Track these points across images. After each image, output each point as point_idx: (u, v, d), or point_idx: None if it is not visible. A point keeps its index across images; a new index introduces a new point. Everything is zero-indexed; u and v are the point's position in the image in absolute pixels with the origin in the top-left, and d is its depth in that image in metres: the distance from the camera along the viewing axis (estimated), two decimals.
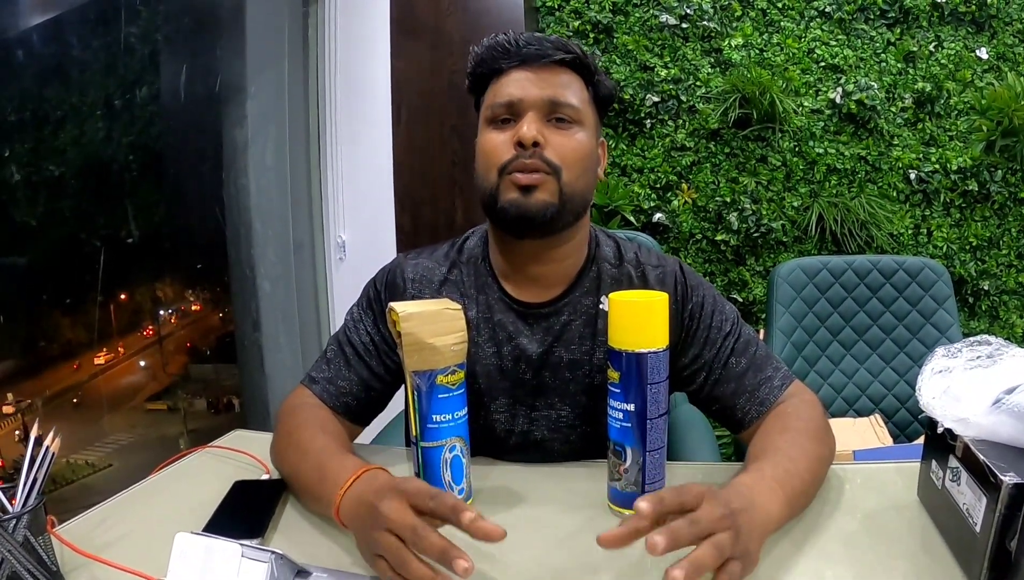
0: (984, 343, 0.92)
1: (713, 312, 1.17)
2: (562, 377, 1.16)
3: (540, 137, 1.05)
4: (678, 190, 2.98)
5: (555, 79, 1.08)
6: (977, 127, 2.90)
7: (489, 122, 1.10)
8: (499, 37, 1.10)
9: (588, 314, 1.16)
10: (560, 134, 1.07)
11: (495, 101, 1.09)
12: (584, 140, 1.10)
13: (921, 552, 0.84)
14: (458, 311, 0.94)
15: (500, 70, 1.10)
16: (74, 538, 0.85)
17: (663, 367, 0.91)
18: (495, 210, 1.09)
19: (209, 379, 2.94)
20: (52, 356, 2.26)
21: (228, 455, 1.18)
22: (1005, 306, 3.04)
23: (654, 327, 0.90)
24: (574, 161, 1.08)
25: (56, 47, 2.16)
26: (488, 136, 1.10)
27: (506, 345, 1.16)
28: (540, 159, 1.05)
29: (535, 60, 1.08)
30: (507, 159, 1.06)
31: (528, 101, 1.06)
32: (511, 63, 1.09)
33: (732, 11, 2.96)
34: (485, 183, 1.09)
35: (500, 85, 1.10)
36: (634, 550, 0.86)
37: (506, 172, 1.06)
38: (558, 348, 1.15)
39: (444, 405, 0.94)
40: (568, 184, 1.07)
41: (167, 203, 2.60)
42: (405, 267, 1.22)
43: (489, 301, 1.18)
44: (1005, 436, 0.77)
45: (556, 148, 1.06)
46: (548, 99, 1.07)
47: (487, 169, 1.09)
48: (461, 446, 0.96)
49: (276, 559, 0.71)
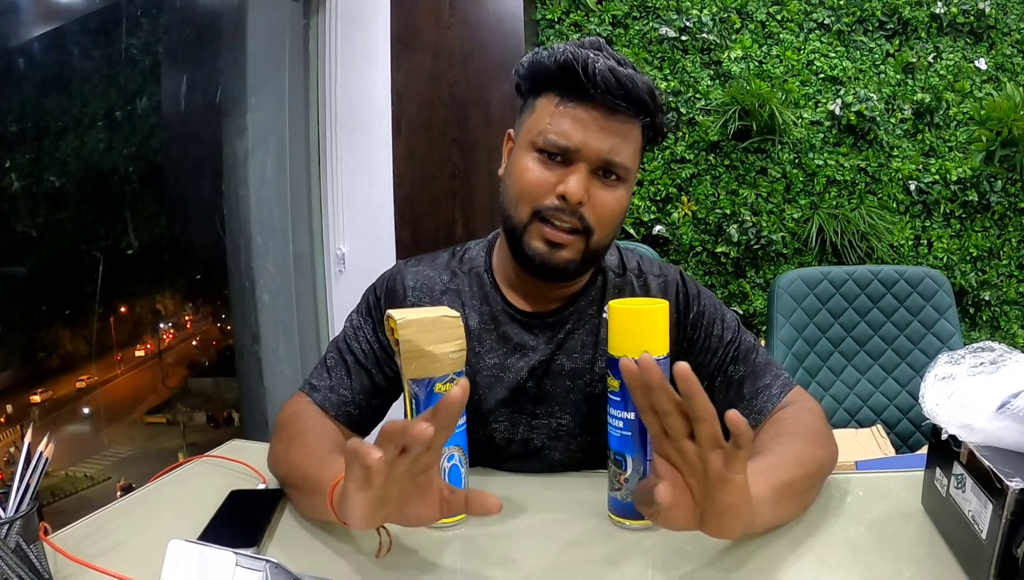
0: (987, 349, 0.91)
1: (715, 321, 1.17)
2: (563, 385, 1.15)
3: (585, 197, 1.01)
4: (678, 202, 2.97)
5: (620, 131, 1.02)
6: (976, 137, 2.90)
7: (535, 149, 1.04)
8: (579, 56, 0.99)
9: (592, 323, 1.17)
10: (604, 192, 1.04)
11: (549, 135, 1.02)
12: (623, 198, 1.07)
13: (926, 560, 0.83)
14: (457, 319, 0.93)
15: (563, 93, 1.02)
16: (68, 546, 0.84)
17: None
18: (519, 248, 1.07)
19: (209, 392, 2.93)
20: (52, 368, 2.25)
21: (225, 465, 1.17)
22: (1006, 316, 3.03)
23: (655, 335, 0.89)
24: (609, 221, 1.06)
25: (57, 58, 2.16)
26: (530, 165, 1.04)
27: (510, 355, 1.15)
28: (578, 218, 1.03)
29: (606, 104, 1.00)
30: (545, 205, 1.03)
31: (585, 153, 1.01)
32: (580, 94, 1.01)
33: (731, 23, 2.96)
34: (515, 213, 1.06)
35: (559, 116, 1.02)
36: (635, 561, 0.86)
37: (540, 217, 1.04)
38: (560, 356, 1.15)
39: None
40: (596, 243, 1.06)
41: (167, 215, 2.60)
42: (405, 275, 1.20)
43: (493, 311, 1.17)
44: (1010, 441, 0.76)
45: (596, 208, 1.03)
46: (606, 158, 1.02)
47: (520, 200, 1.05)
48: (460, 455, 0.95)
49: (271, 568, 0.70)
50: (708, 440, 0.68)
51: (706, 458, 0.69)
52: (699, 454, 0.69)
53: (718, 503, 0.71)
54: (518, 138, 1.10)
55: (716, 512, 0.72)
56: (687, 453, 0.70)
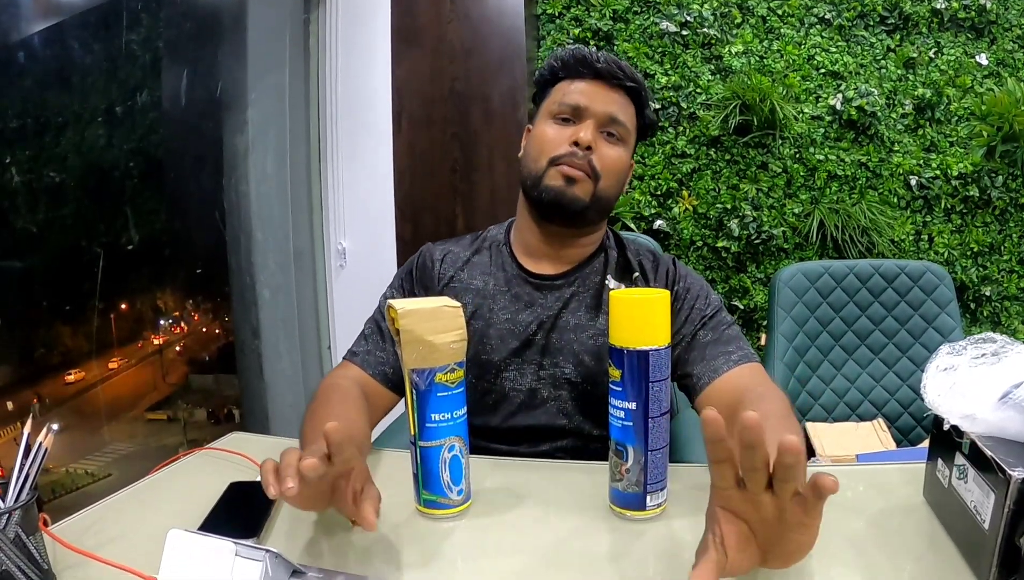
0: (989, 340, 0.91)
1: (698, 297, 1.29)
2: (567, 338, 1.28)
3: (593, 143, 1.23)
4: (679, 197, 2.97)
5: (617, 98, 1.26)
6: (977, 133, 2.90)
7: (552, 116, 1.27)
8: (584, 49, 1.27)
9: (595, 288, 1.32)
10: (608, 146, 1.25)
11: (563, 100, 1.26)
12: (624, 156, 1.28)
13: (929, 552, 0.82)
14: (457, 309, 0.93)
15: (574, 76, 1.27)
16: (67, 537, 0.83)
17: (665, 365, 0.90)
18: (536, 192, 1.25)
19: (209, 389, 2.93)
20: (52, 364, 2.25)
21: (225, 457, 1.17)
22: (1007, 312, 3.02)
23: (656, 325, 0.89)
24: (613, 172, 1.26)
25: (58, 53, 2.16)
26: (548, 127, 1.27)
27: (522, 312, 1.30)
28: (588, 162, 1.23)
29: (607, 78, 1.25)
30: (560, 152, 1.23)
31: (591, 111, 1.24)
32: (586, 74, 1.26)
33: (732, 18, 2.96)
34: (534, 166, 1.26)
35: (571, 89, 1.26)
36: (636, 553, 0.85)
37: (556, 163, 1.23)
38: (565, 314, 1.30)
39: (443, 404, 0.92)
40: (602, 189, 1.25)
41: (167, 210, 2.60)
42: (434, 251, 1.39)
43: (507, 276, 1.34)
44: (1013, 431, 0.76)
45: (602, 157, 1.24)
46: (608, 114, 1.24)
47: (539, 155, 1.26)
48: (460, 446, 0.94)
49: (271, 558, 0.69)
50: (790, 493, 0.64)
51: (784, 507, 0.65)
52: (776, 504, 0.66)
53: (790, 544, 0.68)
54: (536, 121, 1.32)
55: (786, 552, 0.69)
56: (764, 505, 0.66)
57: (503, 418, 1.29)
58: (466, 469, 0.96)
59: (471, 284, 1.34)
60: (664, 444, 0.91)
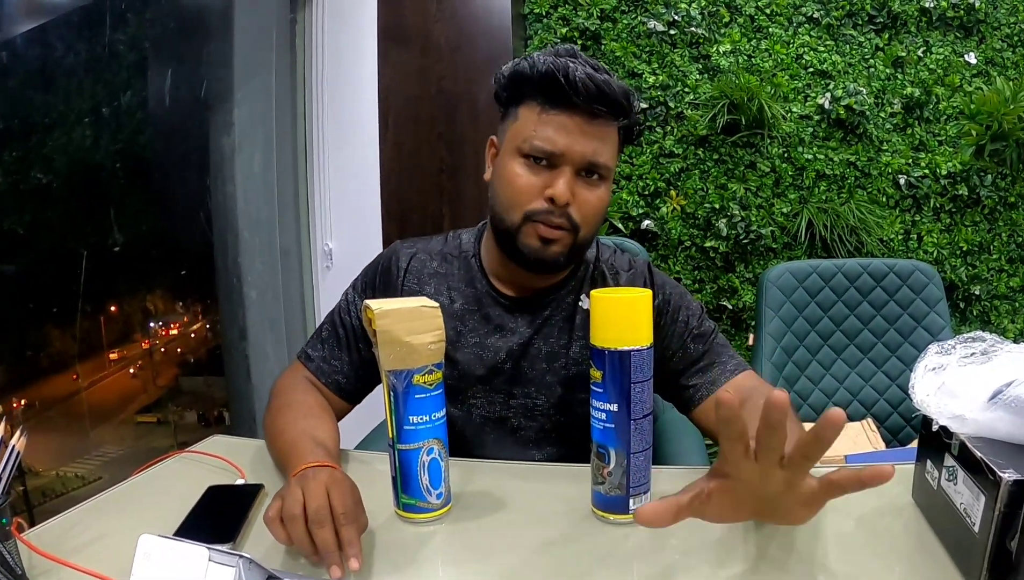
0: (978, 340, 0.90)
1: (680, 307, 1.25)
2: (539, 367, 1.23)
3: (571, 198, 1.09)
4: (667, 197, 2.96)
5: (600, 134, 1.10)
6: (966, 132, 2.90)
7: (522, 155, 1.11)
8: (559, 65, 1.06)
9: (567, 311, 1.25)
10: (587, 191, 1.12)
11: (535, 142, 1.09)
12: (605, 195, 1.15)
13: (917, 554, 0.81)
14: (436, 309, 0.92)
15: (549, 103, 1.09)
16: (43, 542, 0.82)
17: (647, 365, 0.88)
18: (513, 247, 1.14)
19: (199, 391, 2.90)
20: (40, 367, 2.22)
21: (205, 460, 1.15)
22: (996, 311, 3.03)
23: (638, 325, 0.87)
24: (593, 219, 1.15)
25: (42, 53, 2.13)
26: (519, 172, 1.11)
27: (490, 336, 1.23)
28: (566, 217, 1.10)
29: (586, 114, 1.08)
30: (535, 208, 1.10)
31: (569, 157, 1.09)
32: (563, 103, 1.08)
33: (720, 17, 2.95)
34: (506, 218, 1.13)
35: (543, 124, 1.09)
36: (619, 556, 0.84)
37: (531, 220, 1.11)
38: (537, 340, 1.23)
39: (421, 406, 0.90)
40: (582, 238, 1.15)
41: (154, 211, 2.58)
42: (401, 256, 1.29)
43: (477, 294, 1.25)
44: (1003, 432, 0.75)
45: (581, 207, 1.11)
46: (588, 160, 1.10)
47: (511, 206, 1.12)
48: (439, 449, 0.93)
49: (245, 564, 0.68)
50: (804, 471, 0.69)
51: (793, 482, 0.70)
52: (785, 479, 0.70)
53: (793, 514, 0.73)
54: (503, 145, 1.17)
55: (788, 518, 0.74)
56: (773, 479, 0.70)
57: (473, 446, 1.26)
58: (445, 472, 0.94)
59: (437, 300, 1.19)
60: (647, 446, 0.90)
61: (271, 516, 0.80)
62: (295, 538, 0.78)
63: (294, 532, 0.78)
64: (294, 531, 0.78)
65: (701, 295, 2.98)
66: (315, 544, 0.78)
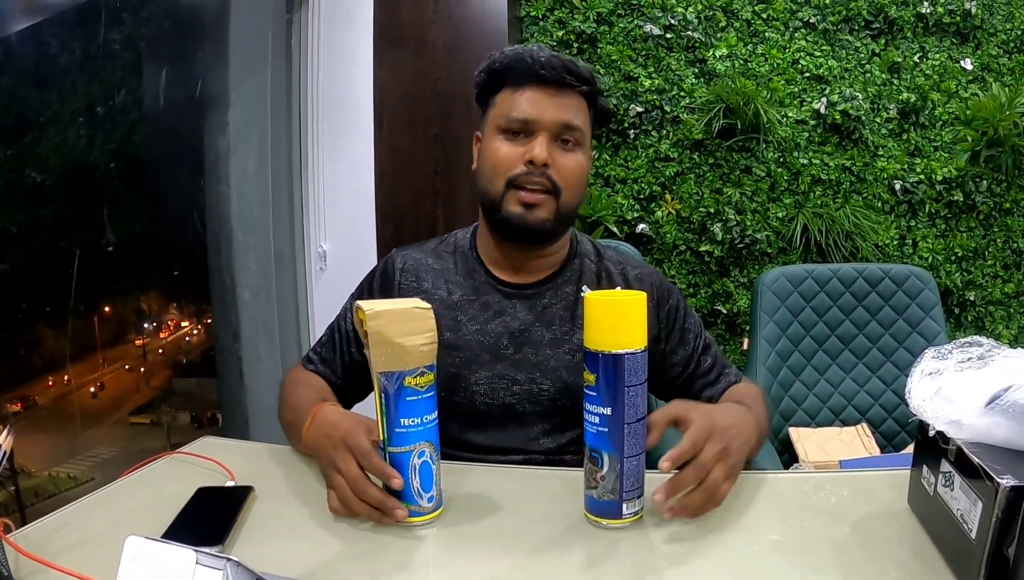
0: (975, 344, 0.89)
1: (686, 316, 1.34)
2: (543, 354, 1.25)
3: (549, 159, 1.18)
4: (662, 201, 2.95)
5: (568, 102, 1.21)
6: (962, 137, 2.90)
7: (501, 132, 1.22)
8: (523, 50, 1.20)
9: (568, 300, 1.29)
10: (565, 156, 1.21)
11: (511, 114, 1.20)
12: (584, 162, 1.24)
13: (913, 561, 0.80)
14: (428, 311, 0.91)
15: (518, 83, 1.21)
16: (30, 543, 0.81)
17: (641, 369, 0.87)
18: (497, 217, 1.22)
19: (193, 392, 2.89)
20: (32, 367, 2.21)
21: (195, 462, 1.14)
22: (991, 316, 3.03)
23: (632, 328, 0.86)
24: (574, 182, 1.22)
25: (37, 52, 2.13)
26: (499, 145, 1.21)
27: (491, 322, 1.26)
28: (547, 178, 1.19)
29: (553, 84, 1.19)
30: (516, 173, 1.19)
31: (543, 123, 1.19)
32: (530, 80, 1.20)
33: (716, 21, 2.95)
34: (490, 189, 1.22)
35: (517, 99, 1.20)
36: (612, 564, 0.83)
37: (513, 185, 1.19)
38: (539, 327, 1.26)
39: (412, 408, 0.89)
40: (565, 203, 1.21)
41: (147, 211, 2.56)
42: (396, 258, 1.35)
43: (476, 283, 1.30)
44: (1000, 438, 0.74)
45: (561, 170, 1.20)
46: (561, 122, 1.19)
47: (494, 176, 1.21)
48: (431, 452, 0.91)
49: (232, 566, 0.67)
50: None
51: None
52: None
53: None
54: (484, 132, 1.27)
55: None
56: None
57: (477, 433, 1.26)
58: (437, 475, 0.93)
59: (436, 294, 1.30)
60: (640, 451, 0.89)
61: (336, 507, 0.92)
62: (365, 513, 0.90)
63: (362, 511, 0.90)
64: (361, 510, 0.90)
65: (696, 300, 2.97)
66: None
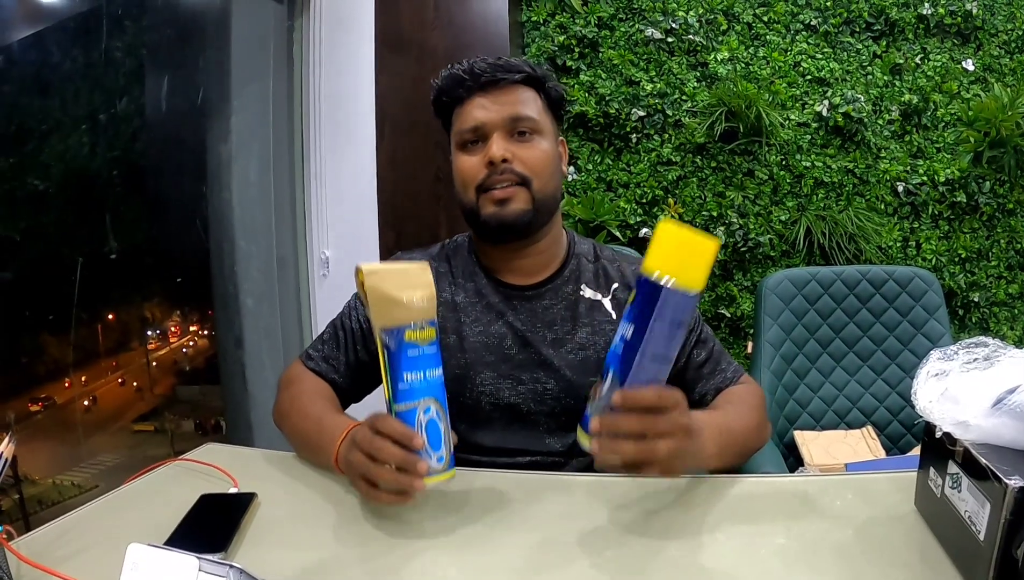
0: (981, 345, 0.89)
1: None
2: (546, 353, 1.26)
3: (508, 154, 1.21)
4: (664, 205, 2.95)
5: (512, 97, 1.24)
6: (964, 138, 2.90)
7: (460, 147, 1.26)
8: (455, 68, 1.25)
9: (568, 300, 1.31)
10: (524, 147, 1.23)
11: (462, 128, 1.24)
12: (546, 147, 1.26)
13: (920, 563, 0.80)
14: (424, 266, 0.93)
15: (461, 98, 1.25)
16: (32, 551, 0.82)
17: (680, 312, 0.81)
18: (478, 224, 1.26)
19: (196, 400, 2.89)
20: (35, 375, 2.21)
21: (198, 468, 1.14)
22: (995, 318, 3.02)
23: (688, 264, 0.80)
24: (541, 169, 1.24)
25: (39, 60, 2.13)
26: (461, 159, 1.25)
27: (494, 323, 1.28)
28: (511, 173, 1.21)
29: (491, 86, 1.23)
30: (481, 178, 1.22)
31: (491, 124, 1.22)
32: (470, 91, 1.24)
33: (718, 25, 2.95)
34: (465, 201, 1.26)
35: (464, 112, 1.25)
36: (613, 566, 0.83)
37: (482, 189, 1.22)
38: (541, 328, 1.28)
39: (415, 363, 0.89)
40: (539, 190, 1.23)
41: (150, 218, 2.56)
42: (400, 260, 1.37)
43: (477, 286, 1.32)
44: (1008, 438, 0.73)
45: (523, 160, 1.22)
46: (509, 117, 1.22)
47: (465, 189, 1.25)
48: (437, 409, 0.90)
49: (235, 573, 0.66)
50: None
51: None
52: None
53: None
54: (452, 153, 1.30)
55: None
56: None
57: (484, 434, 1.26)
58: (446, 435, 0.91)
59: (440, 297, 1.27)
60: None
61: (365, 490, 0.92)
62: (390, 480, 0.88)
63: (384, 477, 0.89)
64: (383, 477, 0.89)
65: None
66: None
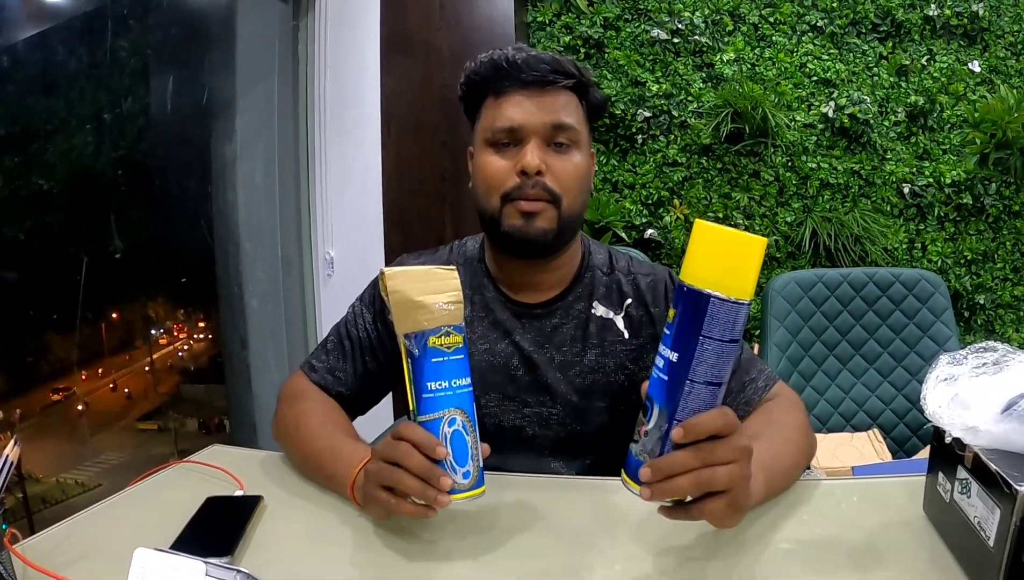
0: (990, 350, 0.88)
1: None
2: (553, 376, 1.19)
3: (543, 166, 1.08)
4: (670, 206, 2.95)
5: (555, 102, 1.11)
6: (970, 140, 2.89)
7: (489, 144, 1.13)
8: (498, 55, 1.11)
9: (579, 318, 1.21)
10: (560, 159, 1.11)
11: (496, 125, 1.11)
12: (582, 163, 1.13)
13: (929, 569, 0.79)
14: (452, 271, 0.87)
15: (499, 90, 1.12)
16: (37, 554, 0.80)
17: (732, 324, 0.69)
18: (498, 233, 1.13)
19: (200, 399, 2.89)
20: (40, 374, 2.21)
21: (204, 470, 1.13)
22: (1001, 320, 3.01)
23: (735, 270, 0.69)
24: (573, 185, 1.12)
25: (44, 60, 2.13)
26: (489, 159, 1.12)
27: (500, 342, 1.21)
28: (543, 188, 1.09)
29: (536, 85, 1.10)
30: (510, 186, 1.10)
31: (530, 128, 1.09)
32: (511, 86, 1.11)
33: (724, 26, 2.95)
34: (487, 206, 1.13)
35: (500, 107, 1.11)
36: (619, 567, 0.82)
37: (509, 198, 1.10)
38: (549, 349, 1.20)
39: (439, 371, 0.83)
40: (567, 208, 1.11)
41: (155, 218, 2.57)
42: (406, 264, 1.26)
43: (485, 299, 1.23)
44: (1018, 444, 0.73)
45: (557, 175, 1.10)
46: (550, 124, 1.09)
47: (489, 193, 1.12)
48: (463, 420, 0.84)
49: (242, 578, 0.66)
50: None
51: None
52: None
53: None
54: (475, 146, 1.19)
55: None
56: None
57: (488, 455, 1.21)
58: (474, 449, 0.85)
59: None
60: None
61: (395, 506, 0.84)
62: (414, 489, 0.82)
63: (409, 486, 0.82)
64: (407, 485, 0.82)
65: None
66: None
